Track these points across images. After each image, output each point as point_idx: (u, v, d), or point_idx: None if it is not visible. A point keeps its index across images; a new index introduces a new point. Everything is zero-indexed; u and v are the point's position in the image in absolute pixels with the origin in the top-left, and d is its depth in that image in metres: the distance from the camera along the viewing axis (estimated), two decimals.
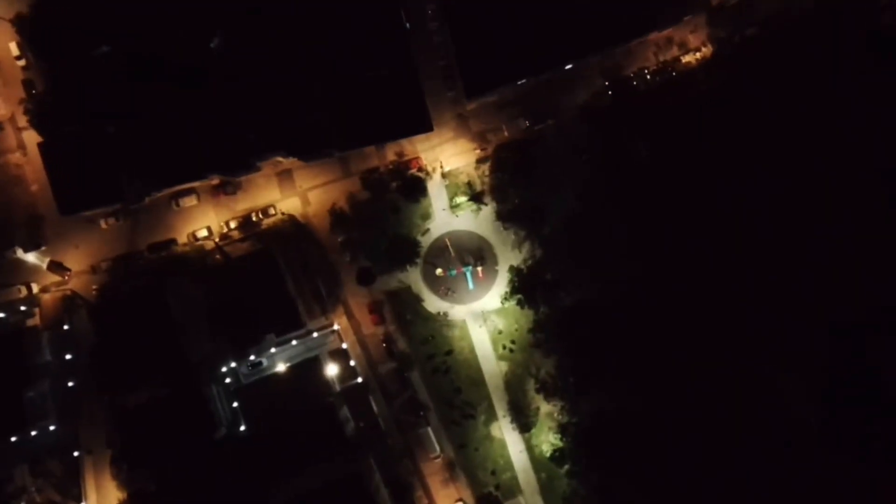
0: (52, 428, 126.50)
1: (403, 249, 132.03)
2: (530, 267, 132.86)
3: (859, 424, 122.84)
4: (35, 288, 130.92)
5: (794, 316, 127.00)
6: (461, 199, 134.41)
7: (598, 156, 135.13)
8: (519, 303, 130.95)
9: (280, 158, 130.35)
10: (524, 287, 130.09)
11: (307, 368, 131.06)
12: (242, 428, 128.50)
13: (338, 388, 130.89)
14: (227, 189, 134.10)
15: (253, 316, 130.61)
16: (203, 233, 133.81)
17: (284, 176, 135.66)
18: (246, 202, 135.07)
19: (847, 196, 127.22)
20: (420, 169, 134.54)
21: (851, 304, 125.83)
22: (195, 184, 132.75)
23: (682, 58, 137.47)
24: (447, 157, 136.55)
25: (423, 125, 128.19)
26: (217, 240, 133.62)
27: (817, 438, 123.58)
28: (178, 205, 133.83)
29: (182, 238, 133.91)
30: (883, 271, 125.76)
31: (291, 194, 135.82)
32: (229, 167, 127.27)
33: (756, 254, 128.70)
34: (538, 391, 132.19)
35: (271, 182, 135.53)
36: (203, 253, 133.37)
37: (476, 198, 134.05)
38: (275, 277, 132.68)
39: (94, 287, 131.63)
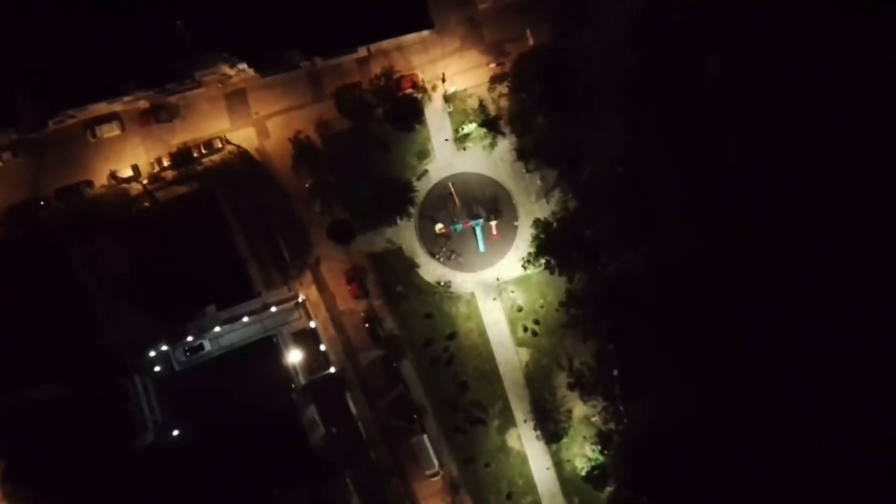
0: None
1: (392, 197, 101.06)
2: (562, 220, 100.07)
3: None
4: None
5: None
6: (469, 127, 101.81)
7: (651, 75, 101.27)
8: (548, 267, 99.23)
9: (226, 69, 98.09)
10: (554, 246, 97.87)
11: (262, 355, 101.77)
12: (175, 433, 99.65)
13: (303, 381, 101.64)
14: (159, 115, 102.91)
15: (190, 283, 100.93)
16: (127, 172, 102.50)
17: (235, 99, 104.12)
18: (185, 133, 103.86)
19: None
20: (415, 87, 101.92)
21: None
22: (117, 107, 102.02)
23: None
24: (452, 74, 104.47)
25: (419, 20, 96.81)
26: (146, 182, 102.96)
27: None
28: (94, 135, 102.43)
29: (100, 179, 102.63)
30: None
31: (245, 123, 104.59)
32: (154, 77, 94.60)
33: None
34: (571, 388, 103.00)
35: (218, 106, 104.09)
36: (127, 199, 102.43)
37: (490, 126, 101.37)
38: (220, 232, 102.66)
39: None
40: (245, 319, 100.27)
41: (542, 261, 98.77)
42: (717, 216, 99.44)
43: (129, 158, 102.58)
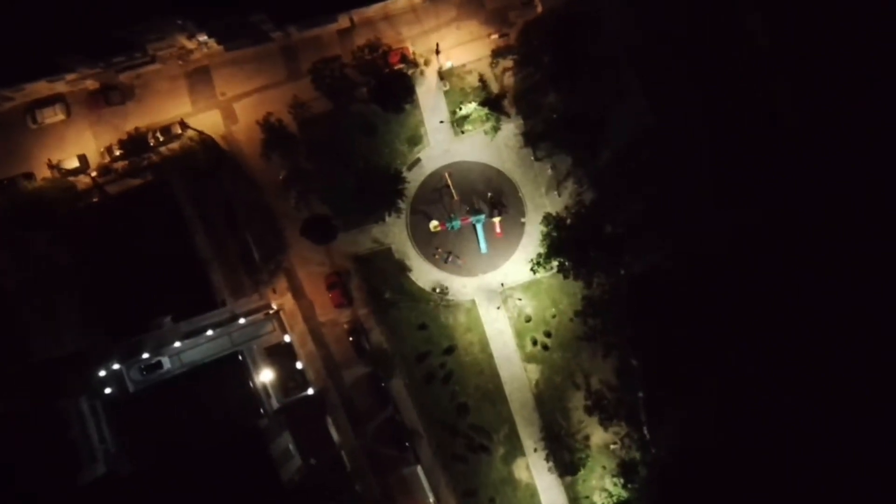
0: None
1: (380, 190, 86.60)
2: (577, 215, 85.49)
3: None
4: None
5: None
6: (469, 108, 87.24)
7: (683, 42, 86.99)
8: (561, 270, 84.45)
9: (184, 40, 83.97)
10: (568, 245, 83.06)
11: (229, 373, 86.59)
12: (130, 464, 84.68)
13: (276, 404, 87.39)
14: (110, 97, 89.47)
15: (145, 290, 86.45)
16: (73, 163, 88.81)
17: (198, 77, 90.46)
18: (139, 117, 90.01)
19: None
20: (405, 62, 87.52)
21: None
22: (60, 87, 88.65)
23: None
24: (448, 47, 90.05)
25: None
26: (94, 174, 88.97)
27: None
28: (35, 121, 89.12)
29: (42, 171, 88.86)
30: None
31: (209, 105, 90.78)
32: (97, 47, 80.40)
33: None
34: (588, 411, 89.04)
35: (178, 87, 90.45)
36: (73, 194, 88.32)
37: (492, 106, 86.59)
38: (177, 230, 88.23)
39: None
40: (209, 333, 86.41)
41: (554, 262, 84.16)
42: (764, 202, 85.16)
43: (76, 147, 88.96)
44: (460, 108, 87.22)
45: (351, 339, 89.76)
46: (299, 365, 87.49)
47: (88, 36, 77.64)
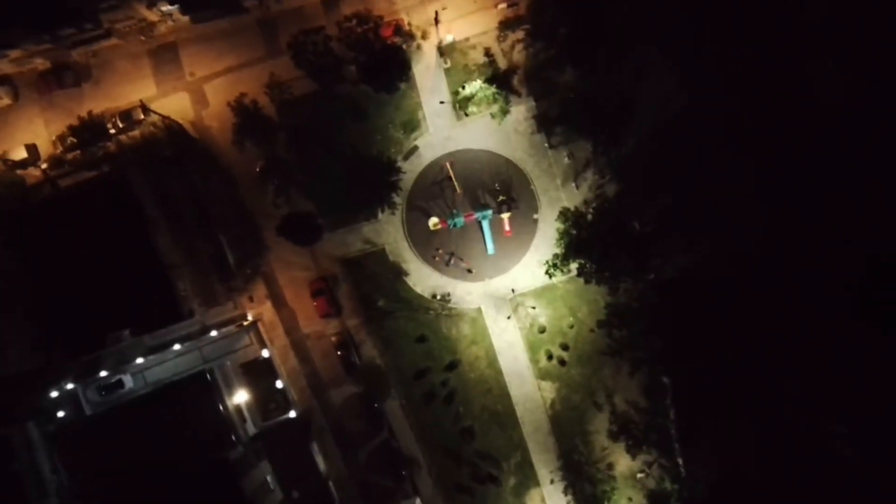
0: None
1: (371, 183, 75.54)
2: (599, 210, 74.20)
3: None
4: None
5: None
6: (473, 87, 76.07)
7: (717, 11, 75.39)
8: (580, 274, 73.25)
9: (144, 10, 73.94)
10: (589, 245, 71.61)
11: (199, 394, 74.69)
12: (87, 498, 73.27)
13: (253, 428, 76.61)
14: (63, 78, 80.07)
15: (101, 299, 75.85)
16: (20, 154, 79.14)
17: (164, 55, 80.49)
18: (96, 101, 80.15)
19: None
20: (400, 34, 76.78)
21: None
22: (5, 67, 79.11)
23: None
24: (449, 20, 79.44)
25: None
26: (45, 166, 79.20)
27: None
28: None
29: None
30: None
31: (176, 87, 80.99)
32: (40, 17, 69.73)
33: None
34: (613, 436, 77.97)
35: (141, 66, 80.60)
36: (21, 189, 78.62)
37: (500, 84, 75.78)
38: (139, 230, 77.75)
39: None
40: (177, 347, 75.56)
41: (573, 265, 73.35)
42: (813, 196, 73.40)
43: (24, 135, 79.73)
44: (463, 88, 76.24)
45: (339, 353, 79.82)
46: (280, 383, 76.64)
47: (29, 3, 67.03)
